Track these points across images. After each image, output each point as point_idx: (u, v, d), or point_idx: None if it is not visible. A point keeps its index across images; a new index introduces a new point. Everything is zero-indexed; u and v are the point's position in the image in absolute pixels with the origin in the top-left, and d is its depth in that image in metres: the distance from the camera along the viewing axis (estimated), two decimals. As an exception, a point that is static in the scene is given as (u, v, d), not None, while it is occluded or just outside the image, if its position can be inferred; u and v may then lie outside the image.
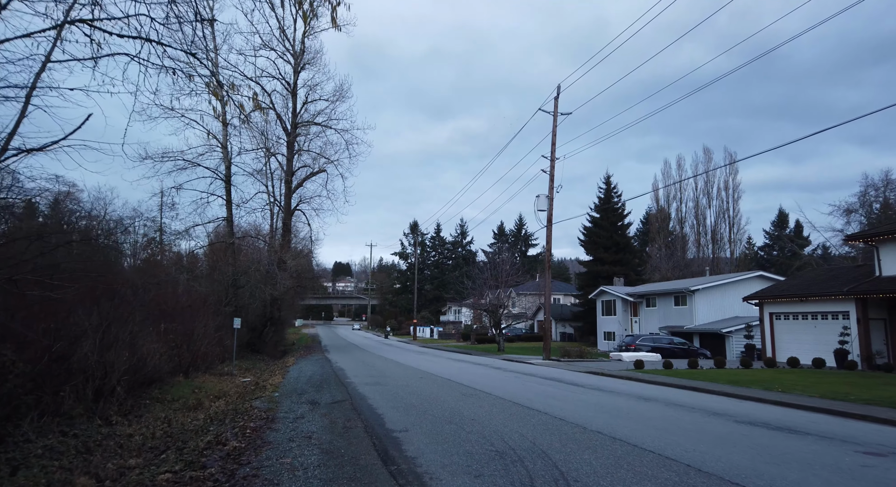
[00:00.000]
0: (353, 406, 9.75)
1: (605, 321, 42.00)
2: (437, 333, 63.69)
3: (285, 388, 13.32)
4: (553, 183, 25.60)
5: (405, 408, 9.34)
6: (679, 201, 68.44)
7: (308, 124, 33.06)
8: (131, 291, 12.95)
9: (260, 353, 28.92)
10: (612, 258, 45.50)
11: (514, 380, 14.97)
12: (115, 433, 8.98)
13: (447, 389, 12.32)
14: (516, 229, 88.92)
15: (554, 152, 25.74)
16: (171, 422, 10.34)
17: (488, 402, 10.02)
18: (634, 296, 38.52)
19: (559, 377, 16.14)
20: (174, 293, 18.92)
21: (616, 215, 46.76)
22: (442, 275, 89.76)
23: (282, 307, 31.87)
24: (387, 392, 11.75)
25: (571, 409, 9.18)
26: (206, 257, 30.99)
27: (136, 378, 12.73)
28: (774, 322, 25.12)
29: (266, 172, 32.56)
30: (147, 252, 29.01)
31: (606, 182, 47.46)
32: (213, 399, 13.81)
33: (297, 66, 32.66)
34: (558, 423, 7.75)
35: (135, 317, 12.70)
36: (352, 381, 14.61)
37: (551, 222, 25.53)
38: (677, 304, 35.13)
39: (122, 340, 11.80)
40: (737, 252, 64.82)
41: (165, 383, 14.86)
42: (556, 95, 25.88)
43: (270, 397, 11.59)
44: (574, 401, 10.37)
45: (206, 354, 19.03)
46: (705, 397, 11.85)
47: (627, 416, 8.52)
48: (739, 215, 65.19)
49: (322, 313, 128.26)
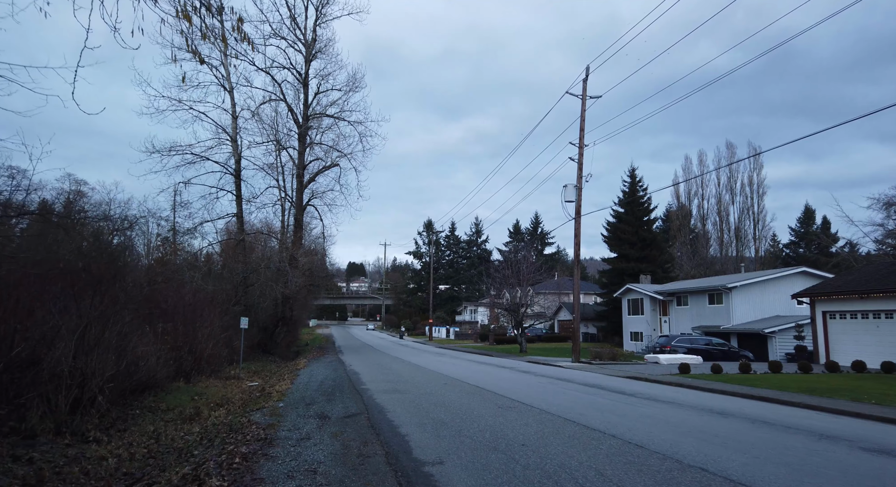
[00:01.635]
0: (369, 423, 8.10)
1: (631, 321, 39.87)
2: (453, 333, 61.98)
3: (293, 396, 11.73)
4: (581, 172, 23.71)
5: (434, 426, 7.65)
6: (701, 198, 65.94)
7: (320, 116, 31.58)
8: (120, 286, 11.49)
9: (271, 354, 27.50)
10: (637, 255, 43.27)
11: (551, 387, 13.20)
12: (84, 454, 7.44)
13: (479, 399, 10.61)
14: (532, 228, 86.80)
15: (582, 139, 23.86)
16: (160, 437, 8.78)
17: (534, 418, 8.29)
18: (664, 294, 36.36)
19: (600, 384, 14.32)
20: (177, 291, 17.49)
21: (642, 210, 44.51)
22: (457, 274, 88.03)
23: (294, 306, 30.44)
24: (409, 403, 10.08)
25: (642, 429, 7.39)
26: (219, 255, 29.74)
27: (125, 385, 11.24)
28: (828, 322, 22.92)
29: (277, 166, 31.17)
30: (160, 252, 27.88)
31: (631, 175, 45.26)
32: (214, 408, 12.29)
33: (308, 55, 31.20)
34: (637, 452, 5.98)
35: (124, 316, 11.21)
36: (367, 388, 12.98)
37: (580, 213, 23.65)
38: (712, 302, 32.91)
39: (106, 341, 10.31)
40: (762, 250, 62.29)
41: (162, 389, 13.38)
42: (585, 76, 24.00)
43: (274, 408, 9.99)
44: (637, 417, 8.58)
45: (211, 356, 17.54)
46: (790, 411, 9.94)
47: (723, 442, 6.69)
48: (764, 212, 62.56)
49: (336, 313, 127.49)
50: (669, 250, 49.11)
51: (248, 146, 29.70)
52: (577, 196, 23.46)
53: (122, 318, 11.04)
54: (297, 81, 31.11)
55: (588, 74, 24.01)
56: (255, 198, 30.30)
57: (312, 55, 31.20)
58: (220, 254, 29.89)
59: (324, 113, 31.63)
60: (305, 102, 31.28)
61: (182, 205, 28.32)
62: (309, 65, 31.15)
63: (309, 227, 34.55)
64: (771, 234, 63.50)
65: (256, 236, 31.11)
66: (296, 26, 30.68)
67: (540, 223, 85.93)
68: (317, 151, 31.77)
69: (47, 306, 9.05)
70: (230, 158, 29.07)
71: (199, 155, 28.06)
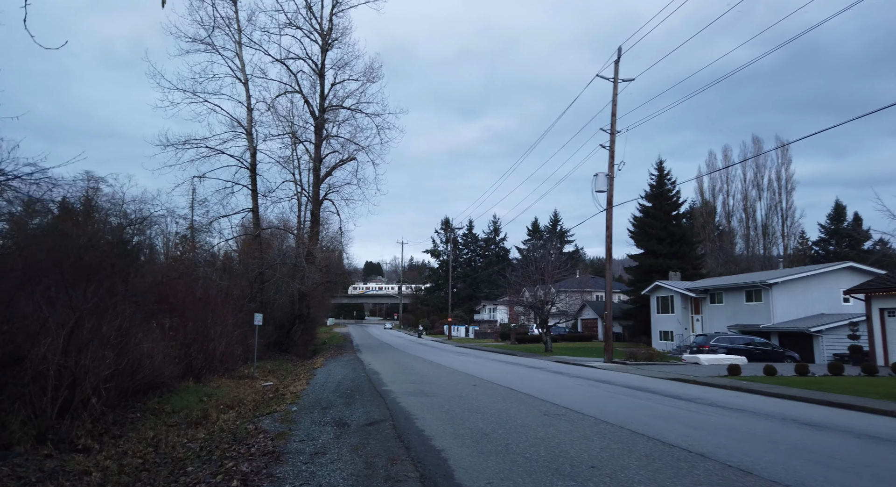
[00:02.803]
0: (396, 433, 6.89)
1: (660, 320, 38.08)
2: (472, 332, 60.67)
3: (308, 398, 10.60)
4: (613, 160, 22.20)
5: (474, 438, 6.41)
6: (726, 194, 63.64)
7: (337, 108, 30.53)
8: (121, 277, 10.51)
9: (288, 353, 26.54)
10: (666, 251, 41.35)
11: (594, 390, 11.85)
12: (64, 467, 6.37)
13: (517, 404, 9.33)
14: (551, 226, 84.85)
15: (614, 124, 22.35)
16: (160, 445, 7.69)
17: (592, 429, 6.99)
18: (696, 291, 34.51)
19: (646, 386, 12.91)
20: (187, 286, 16.56)
21: (670, 204, 42.53)
22: (474, 273, 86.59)
23: (311, 303, 29.48)
24: (438, 408, 8.86)
25: (734, 447, 5.99)
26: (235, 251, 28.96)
27: (126, 386, 10.22)
28: (886, 320, 21.04)
29: (293, 159, 30.19)
30: (178, 250, 27.28)
31: (659, 168, 43.31)
32: (224, 410, 11.22)
33: (324, 45, 30.17)
34: (750, 482, 4.63)
35: (124, 309, 10.21)
36: (390, 389, 11.79)
37: (612, 203, 22.15)
38: (749, 300, 31.01)
39: (103, 337, 9.31)
40: (790, 247, 59.92)
41: (170, 389, 12.38)
42: (617, 57, 22.49)
43: (287, 412, 8.86)
44: (713, 429, 7.21)
45: (224, 354, 16.56)
46: (890, 421, 8.44)
47: (850, 467, 5.25)
48: (793, 208, 60.05)
49: (354, 312, 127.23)
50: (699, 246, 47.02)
51: (263, 139, 28.78)
52: (608, 186, 21.97)
53: (123, 311, 10.04)
54: (313, 71, 30.12)
55: (620, 56, 22.50)
56: (270, 192, 29.31)
57: (329, 45, 30.17)
58: (235, 251, 29.10)
59: (340, 105, 30.58)
60: (321, 93, 30.27)
61: (200, 203, 27.57)
62: (325, 55, 30.13)
63: (326, 222, 33.61)
64: (800, 231, 60.94)
65: (272, 232, 30.24)
66: (311, 15, 29.72)
67: (559, 221, 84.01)
68: (333, 144, 30.78)
69: (34, 297, 8.05)
70: (245, 152, 28.21)
71: (213, 148, 27.23)
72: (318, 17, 29.81)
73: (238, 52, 28.28)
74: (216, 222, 27.89)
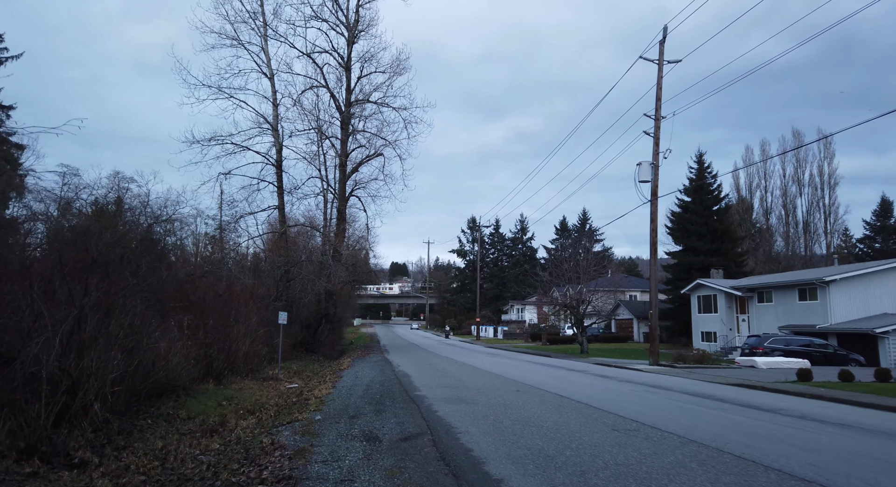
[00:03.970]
0: (438, 451, 5.71)
1: (702, 320, 35.92)
2: (501, 332, 59.18)
3: (334, 404, 9.52)
4: (658, 147, 20.55)
5: (536, 462, 5.17)
6: (764, 190, 60.69)
7: (363, 103, 29.63)
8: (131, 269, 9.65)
9: (315, 353, 25.73)
10: (707, 247, 39.04)
11: (654, 398, 10.44)
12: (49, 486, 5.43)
13: (575, 415, 8.03)
14: (580, 224, 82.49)
15: (659, 110, 20.70)
16: (168, 458, 6.68)
17: (679, 452, 5.65)
18: (742, 290, 32.28)
19: (710, 393, 11.40)
20: (209, 282, 15.77)
21: (711, 198, 40.18)
22: (501, 273, 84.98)
23: (337, 302, 28.64)
24: (483, 418, 7.64)
25: (887, 483, 4.61)
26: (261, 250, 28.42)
27: (137, 389, 9.31)
28: (973, 320, 18.83)
29: (319, 155, 29.47)
30: (207, 250, 26.95)
31: (698, 160, 40.98)
32: (244, 415, 10.25)
33: (351, 38, 29.32)
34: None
35: (135, 305, 9.34)
36: (424, 394, 10.64)
37: (657, 194, 20.51)
38: (803, 298, 28.72)
39: (109, 336, 8.44)
40: (833, 245, 56.76)
41: (187, 392, 11.49)
42: (662, 38, 20.83)
43: (309, 421, 7.78)
44: (835, 452, 5.78)
45: (248, 354, 15.72)
46: None
47: None
48: (837, 204, 56.71)
49: (380, 312, 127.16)
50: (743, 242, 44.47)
51: (289, 135, 28.11)
52: (653, 175, 20.34)
53: (134, 308, 9.15)
54: (339, 65, 29.31)
55: (665, 36, 20.83)
56: (296, 189, 28.62)
57: (355, 38, 29.32)
58: (262, 250, 28.55)
59: (367, 99, 29.68)
60: (348, 87, 29.43)
61: (228, 204, 27.15)
62: (351, 48, 29.28)
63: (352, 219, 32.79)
64: (843, 228, 57.74)
65: (298, 230, 29.57)
66: (337, 8, 28.94)
67: (588, 219, 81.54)
68: (359, 138, 29.89)
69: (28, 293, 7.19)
70: (271, 149, 27.60)
71: (239, 145, 26.71)
72: (345, 10, 29.02)
73: (263, 46, 27.70)
74: (242, 219, 27.40)
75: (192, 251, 25.69)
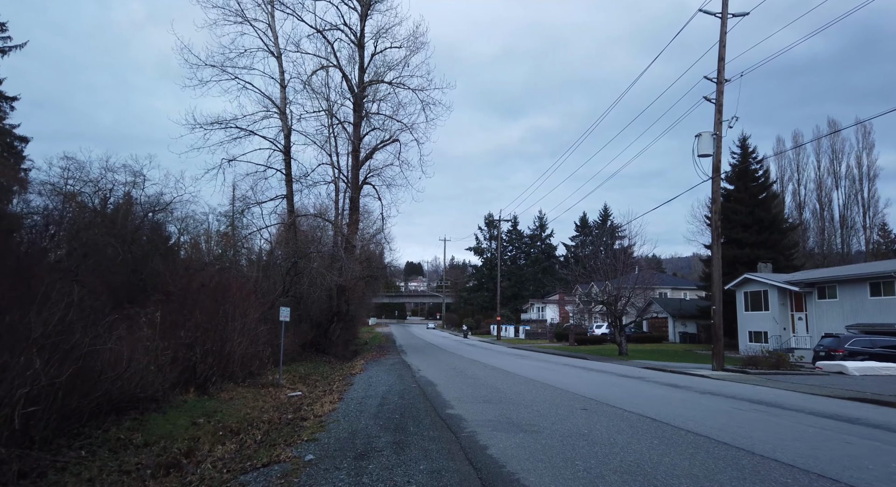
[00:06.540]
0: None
1: (749, 318, 32.67)
2: (523, 332, 56.34)
3: (337, 430, 6.97)
4: (721, 115, 17.66)
5: None
6: (796, 183, 56.95)
7: (378, 83, 27.11)
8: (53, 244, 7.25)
9: (326, 354, 23.32)
10: (753, 239, 35.71)
11: (778, 421, 7.73)
12: None
13: (693, 453, 5.42)
14: (601, 221, 79.16)
15: (722, 72, 17.80)
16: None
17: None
18: (799, 284, 29.01)
19: (831, 412, 8.64)
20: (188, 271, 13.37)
21: (757, 186, 36.78)
22: (519, 271, 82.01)
23: (350, 299, 26.19)
24: (564, 464, 5.05)
25: None
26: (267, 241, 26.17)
27: (78, 406, 6.96)
28: None
29: (330, 140, 27.01)
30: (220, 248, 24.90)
31: (742, 145, 37.59)
32: (223, 438, 7.77)
33: (364, 12, 26.82)
34: None
35: (70, 294, 6.93)
36: (458, 413, 8.06)
37: (719, 170, 17.64)
38: (876, 293, 25.44)
39: (24, 335, 6.05)
40: (871, 240, 53.16)
41: (158, 405, 9.11)
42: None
43: (296, 465, 5.23)
44: None
45: (245, 356, 13.29)
46: None
47: None
48: (876, 197, 52.79)
49: (395, 311, 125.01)
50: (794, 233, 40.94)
51: (297, 119, 25.74)
52: (715, 147, 17.48)
53: (68, 298, 6.74)
54: (352, 42, 26.80)
55: (725, -13, 17.92)
56: (305, 176, 26.24)
57: (368, 11, 26.83)
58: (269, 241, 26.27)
59: (381, 80, 27.12)
60: (361, 65, 26.91)
61: (240, 199, 25.08)
62: (364, 22, 26.77)
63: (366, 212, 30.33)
64: (881, 223, 54.04)
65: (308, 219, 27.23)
66: (350, -21, 26.50)
67: (609, 216, 78.16)
68: (373, 121, 27.38)
69: None
70: (279, 134, 25.27)
71: (245, 129, 24.43)
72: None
73: (270, 22, 25.34)
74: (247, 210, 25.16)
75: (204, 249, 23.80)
